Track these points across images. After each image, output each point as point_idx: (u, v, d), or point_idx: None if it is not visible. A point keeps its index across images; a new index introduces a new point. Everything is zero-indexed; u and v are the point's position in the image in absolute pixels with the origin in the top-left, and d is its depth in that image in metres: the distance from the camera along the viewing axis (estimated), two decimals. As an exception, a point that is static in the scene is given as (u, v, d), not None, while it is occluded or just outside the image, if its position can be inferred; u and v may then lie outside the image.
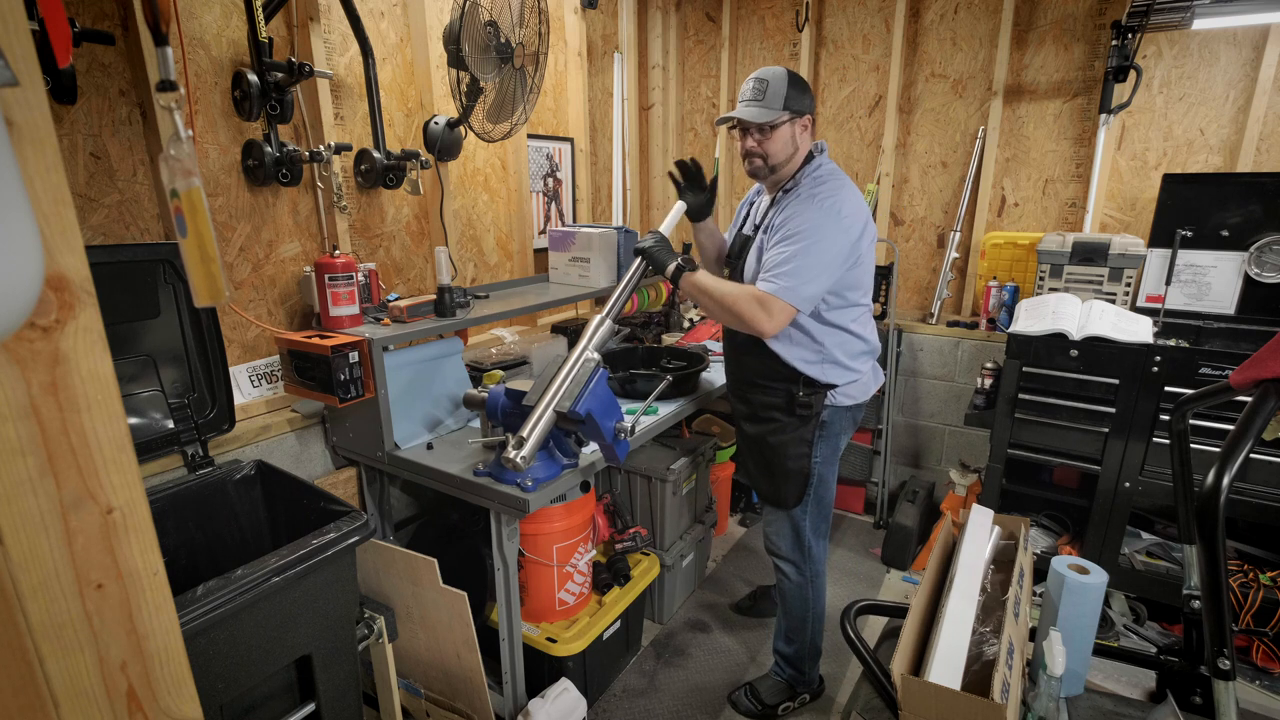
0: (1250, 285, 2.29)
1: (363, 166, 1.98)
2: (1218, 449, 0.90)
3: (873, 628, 2.14)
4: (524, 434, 1.42)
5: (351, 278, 1.76)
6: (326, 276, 1.72)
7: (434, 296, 1.88)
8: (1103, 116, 2.51)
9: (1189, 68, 2.45)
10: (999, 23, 2.68)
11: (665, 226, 1.77)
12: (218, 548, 1.55)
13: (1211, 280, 2.35)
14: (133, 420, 1.48)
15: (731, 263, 1.83)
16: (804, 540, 1.84)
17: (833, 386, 1.71)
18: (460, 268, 2.45)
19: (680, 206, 1.81)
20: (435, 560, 1.59)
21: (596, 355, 1.55)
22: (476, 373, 2.09)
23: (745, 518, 3.15)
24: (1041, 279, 2.58)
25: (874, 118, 3.07)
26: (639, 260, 1.70)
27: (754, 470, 1.88)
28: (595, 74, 3.09)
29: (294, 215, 1.87)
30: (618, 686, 2.10)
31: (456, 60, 1.81)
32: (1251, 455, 1.25)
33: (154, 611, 0.57)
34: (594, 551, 2.07)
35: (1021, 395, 2.34)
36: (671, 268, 1.67)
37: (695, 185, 1.84)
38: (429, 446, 1.80)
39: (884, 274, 2.92)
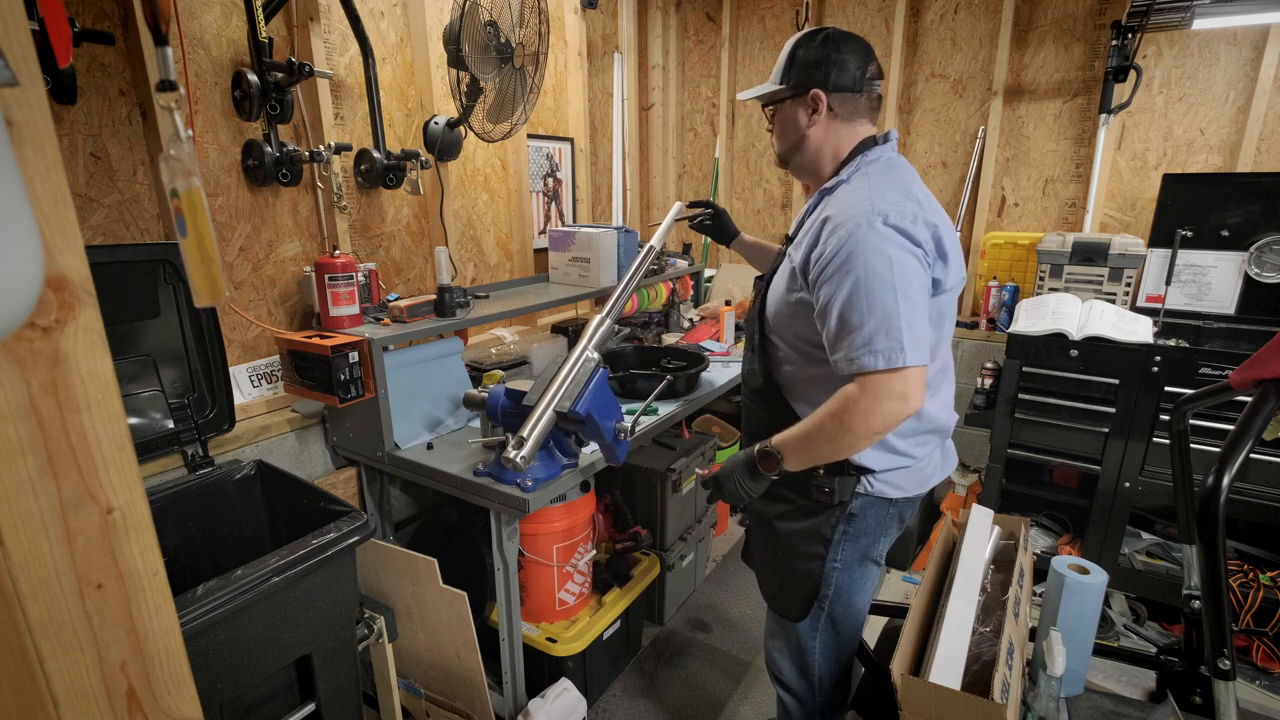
0: (1250, 285, 2.29)
1: (363, 166, 1.98)
2: (1218, 449, 0.90)
3: (873, 628, 2.13)
4: (524, 434, 1.42)
5: (351, 278, 1.76)
6: (326, 276, 1.71)
7: (434, 296, 1.88)
8: (1103, 116, 2.51)
9: (1189, 68, 2.45)
10: (999, 23, 2.68)
11: (657, 239, 1.61)
12: (218, 548, 1.55)
13: (1211, 280, 2.35)
14: (133, 420, 1.48)
15: (759, 285, 1.37)
16: (811, 667, 1.36)
17: (868, 471, 1.21)
18: (460, 268, 2.45)
19: (677, 207, 1.79)
20: (435, 560, 1.59)
21: (596, 355, 1.55)
22: (476, 373, 2.09)
23: (745, 517, 3.14)
24: (1041, 279, 2.58)
25: (874, 118, 3.07)
26: (640, 260, 1.64)
27: (757, 557, 1.45)
28: (595, 74, 3.09)
29: (294, 215, 1.87)
30: (618, 686, 2.10)
31: (456, 60, 1.81)
32: (1251, 455, 1.25)
33: (154, 611, 0.57)
34: (594, 551, 2.07)
35: (1021, 395, 2.34)
36: (762, 480, 1.22)
37: (707, 220, 1.79)
38: (429, 446, 1.80)
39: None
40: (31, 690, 0.51)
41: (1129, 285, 2.44)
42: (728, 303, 2.86)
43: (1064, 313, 2.30)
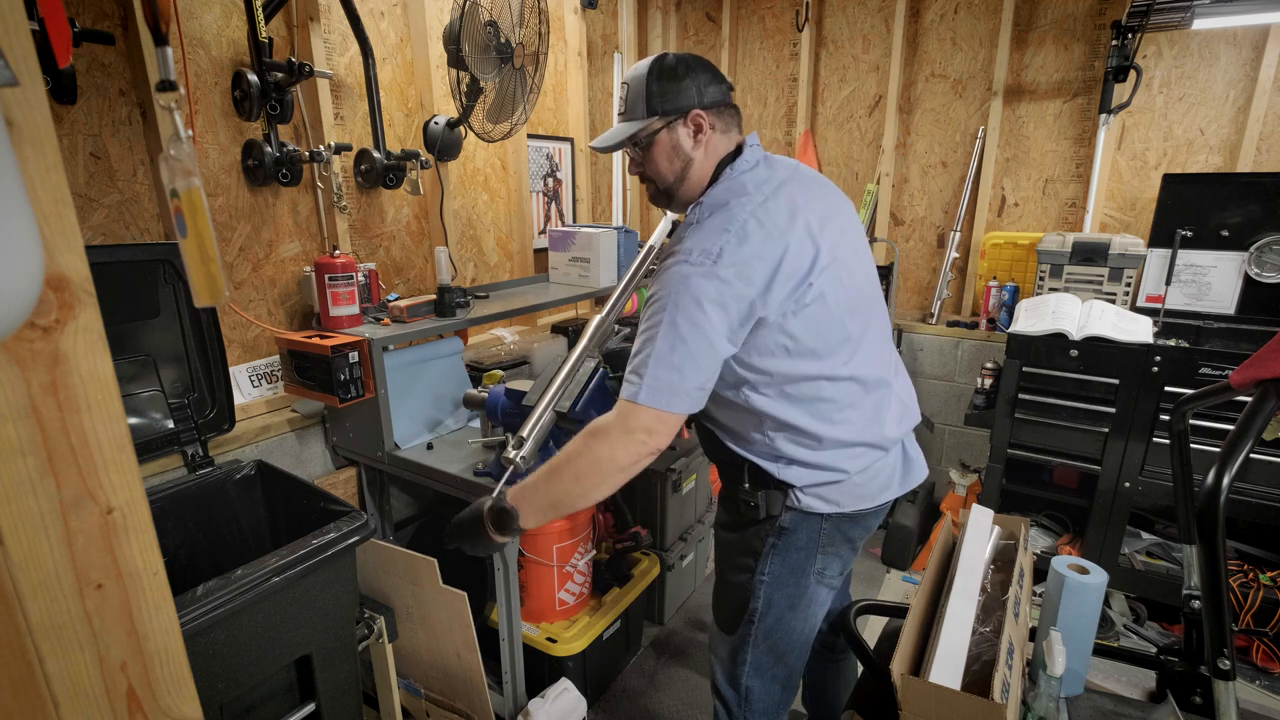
0: (1250, 285, 2.29)
1: (363, 166, 1.98)
2: (1218, 449, 0.90)
3: (873, 628, 2.14)
4: (524, 434, 1.42)
5: (351, 278, 1.76)
6: (326, 276, 1.71)
7: (434, 296, 1.88)
8: (1103, 116, 2.51)
9: (1189, 68, 2.45)
10: (999, 23, 2.68)
11: (656, 238, 1.56)
12: (218, 548, 1.55)
13: (1211, 280, 2.35)
14: (133, 420, 1.48)
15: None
16: (740, 678, 1.33)
17: (791, 486, 1.19)
18: (460, 268, 2.45)
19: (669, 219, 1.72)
20: (435, 560, 1.59)
21: (597, 355, 1.54)
22: (476, 373, 2.09)
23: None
24: (1041, 279, 2.58)
25: (874, 118, 3.07)
26: (640, 260, 1.63)
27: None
28: (595, 74, 3.09)
29: (294, 215, 1.87)
30: (618, 686, 2.10)
31: (456, 60, 1.81)
32: (1251, 455, 1.25)
33: (154, 611, 0.57)
34: (594, 551, 2.07)
35: (1021, 395, 2.34)
36: (493, 544, 1.24)
37: None
38: (429, 446, 1.80)
39: (884, 274, 2.92)
40: (31, 690, 0.51)
41: (1129, 285, 2.44)
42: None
43: (1064, 313, 2.30)
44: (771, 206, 1.12)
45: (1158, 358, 2.10)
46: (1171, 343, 2.19)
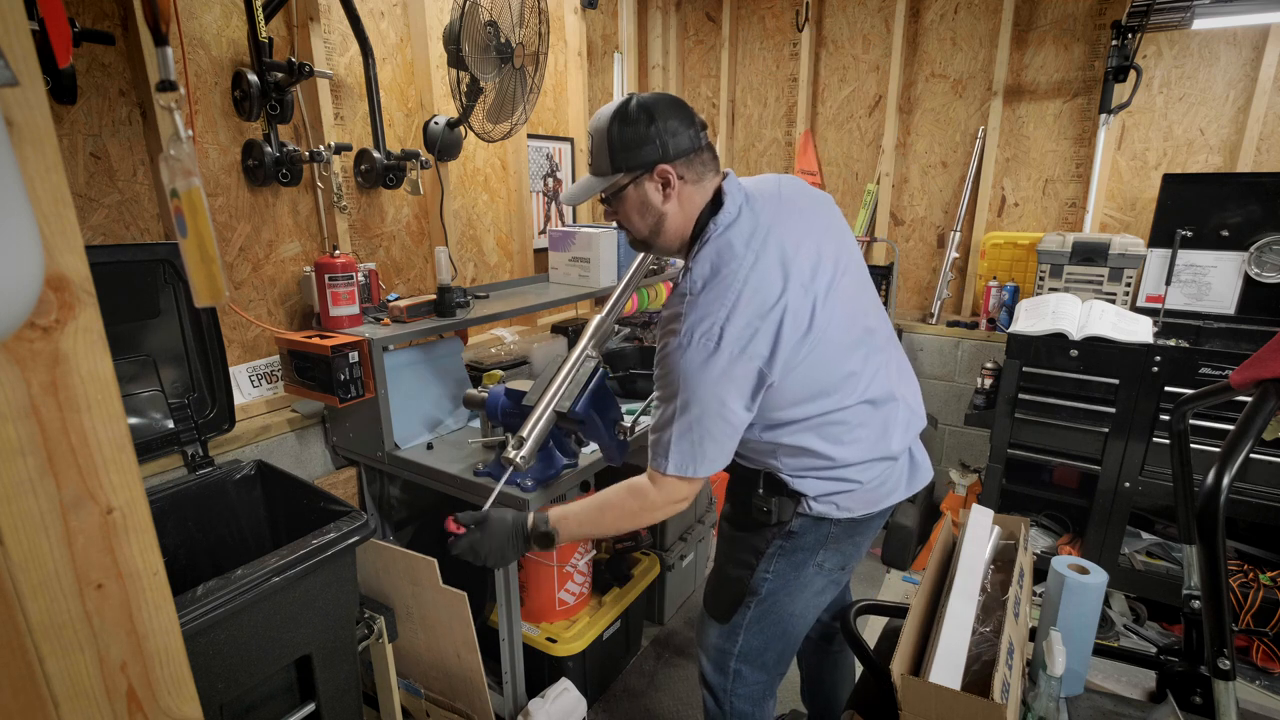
0: (1250, 285, 2.29)
1: (363, 166, 1.98)
2: (1218, 449, 0.90)
3: (873, 628, 2.14)
4: (524, 434, 1.42)
5: (351, 278, 1.76)
6: (326, 276, 1.71)
7: (434, 296, 1.88)
8: (1103, 116, 2.51)
9: (1189, 68, 2.45)
10: (999, 23, 2.68)
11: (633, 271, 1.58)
12: (218, 548, 1.55)
13: (1211, 280, 2.35)
14: (133, 420, 1.48)
15: None
16: (728, 665, 1.34)
17: (803, 496, 1.22)
18: (460, 268, 2.45)
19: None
20: (435, 560, 1.59)
21: (596, 355, 1.55)
22: (476, 373, 2.09)
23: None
24: (1041, 279, 2.58)
25: (874, 118, 3.07)
26: (640, 260, 1.62)
27: (714, 559, 1.45)
28: (595, 74, 3.08)
29: (294, 215, 1.87)
30: (618, 686, 2.10)
31: (456, 60, 1.81)
32: (1251, 455, 1.25)
33: (154, 611, 0.57)
34: (594, 551, 2.07)
35: (1021, 395, 2.34)
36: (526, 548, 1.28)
37: None
38: (429, 446, 1.80)
39: (884, 274, 2.92)
40: (31, 690, 0.51)
41: (1129, 285, 2.44)
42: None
43: (1064, 313, 2.30)
44: (763, 266, 1.10)
45: (1158, 358, 2.11)
46: (1171, 343, 2.19)
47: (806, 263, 1.14)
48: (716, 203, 1.18)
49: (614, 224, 1.25)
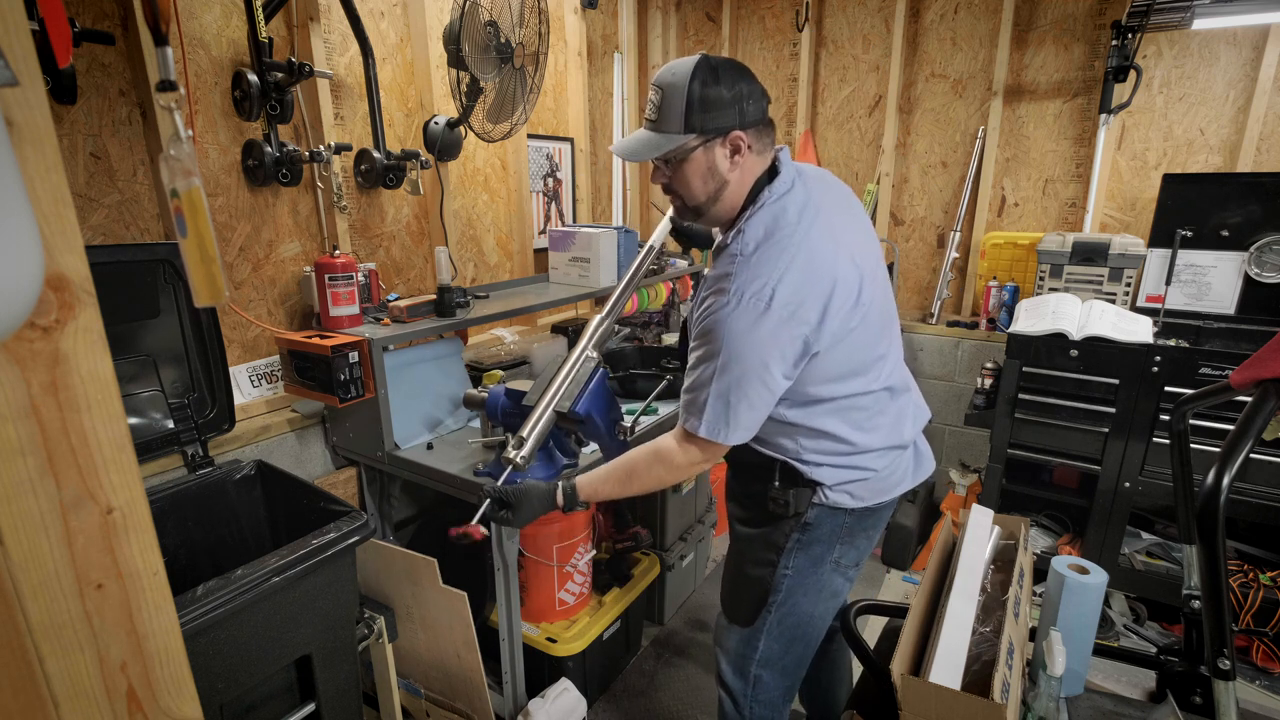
0: (1250, 285, 2.29)
1: (363, 166, 1.98)
2: (1218, 449, 0.90)
3: (873, 628, 2.14)
4: (524, 434, 1.42)
5: (351, 278, 1.76)
6: (326, 276, 1.71)
7: (434, 296, 1.88)
8: (1103, 116, 2.51)
9: (1189, 68, 2.45)
10: (999, 23, 2.68)
11: (656, 238, 1.59)
12: (218, 548, 1.55)
13: (1211, 280, 2.35)
14: (133, 420, 1.48)
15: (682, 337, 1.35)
16: (749, 669, 1.34)
17: (820, 484, 1.22)
18: (460, 268, 2.45)
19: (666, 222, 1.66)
20: (435, 560, 1.59)
21: (596, 355, 1.55)
22: (476, 373, 2.09)
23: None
24: (1041, 279, 2.58)
25: (874, 118, 3.07)
26: (640, 260, 1.63)
27: (726, 563, 1.43)
28: (595, 74, 3.09)
29: (294, 215, 1.87)
30: (618, 686, 2.10)
31: (456, 60, 1.81)
32: (1251, 455, 1.25)
33: (154, 611, 0.57)
34: (594, 551, 2.07)
35: (1021, 395, 2.34)
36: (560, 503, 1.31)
37: (684, 231, 1.64)
38: (429, 446, 1.79)
39: (884, 274, 2.92)
40: (31, 690, 0.51)
41: (1129, 285, 2.44)
42: (728, 303, 2.85)
43: (1064, 313, 2.30)
44: (815, 236, 1.10)
45: (1158, 358, 2.11)
46: (1171, 343, 2.19)
47: (854, 240, 1.16)
48: (771, 173, 1.17)
49: (659, 185, 1.19)
